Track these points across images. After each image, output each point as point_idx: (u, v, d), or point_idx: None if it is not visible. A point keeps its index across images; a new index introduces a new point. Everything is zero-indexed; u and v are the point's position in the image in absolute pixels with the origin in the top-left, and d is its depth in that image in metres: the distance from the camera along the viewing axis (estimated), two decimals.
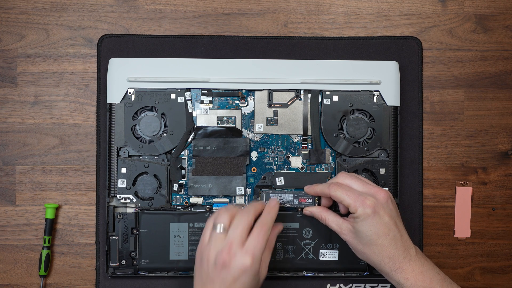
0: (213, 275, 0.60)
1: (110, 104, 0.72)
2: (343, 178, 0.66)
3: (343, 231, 0.65)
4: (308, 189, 0.70)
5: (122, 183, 0.72)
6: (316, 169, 0.74)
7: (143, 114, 0.73)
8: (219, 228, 0.61)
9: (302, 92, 0.73)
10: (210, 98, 0.73)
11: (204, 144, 0.73)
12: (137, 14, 0.76)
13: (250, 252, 0.60)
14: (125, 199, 0.72)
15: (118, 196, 0.72)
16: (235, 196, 0.73)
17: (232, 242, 0.60)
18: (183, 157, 0.73)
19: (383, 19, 0.77)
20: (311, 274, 0.73)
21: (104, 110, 0.74)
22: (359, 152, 0.73)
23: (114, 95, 0.72)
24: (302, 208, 0.72)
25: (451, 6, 0.77)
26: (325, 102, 0.73)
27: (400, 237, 0.63)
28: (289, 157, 0.74)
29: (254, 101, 0.74)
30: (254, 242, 0.60)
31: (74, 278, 0.75)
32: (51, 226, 0.74)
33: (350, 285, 0.74)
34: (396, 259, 0.62)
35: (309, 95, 0.73)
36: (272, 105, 0.74)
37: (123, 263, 0.72)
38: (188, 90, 0.73)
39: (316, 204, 0.72)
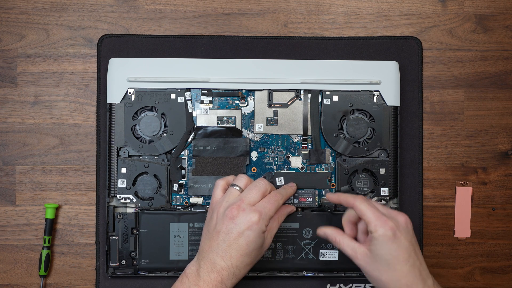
0: (220, 226, 0.62)
1: (110, 104, 0.72)
2: (365, 198, 0.64)
3: (358, 255, 0.62)
4: (331, 196, 0.67)
5: (122, 183, 0.72)
6: (316, 169, 0.74)
7: (143, 114, 0.73)
8: (236, 186, 0.65)
9: (302, 92, 0.73)
10: (210, 98, 0.73)
11: (204, 144, 0.73)
12: (137, 14, 0.76)
13: (258, 210, 0.62)
14: (125, 199, 0.72)
15: (118, 196, 0.72)
16: None
17: (244, 200, 0.63)
18: (183, 157, 0.73)
19: (383, 19, 0.77)
20: (311, 274, 0.73)
21: (104, 110, 0.74)
22: (359, 152, 0.73)
23: (114, 95, 0.72)
24: (302, 208, 0.72)
25: (451, 6, 0.77)
26: (325, 102, 0.73)
27: (419, 265, 0.60)
28: (289, 157, 0.74)
29: (254, 101, 0.74)
30: (264, 203, 0.63)
31: (74, 278, 0.75)
32: (51, 226, 0.74)
33: (350, 285, 0.74)
34: None
35: (309, 95, 0.73)
36: (272, 105, 0.74)
37: (123, 263, 0.72)
38: (188, 90, 0.73)
39: (316, 204, 0.72)
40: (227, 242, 0.61)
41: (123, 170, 0.72)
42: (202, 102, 0.73)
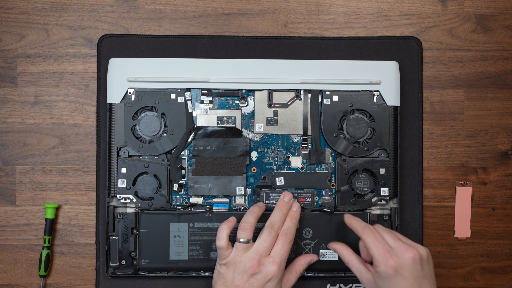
0: (239, 281, 0.64)
1: (110, 104, 0.72)
2: (378, 227, 0.66)
3: (364, 280, 0.65)
4: (348, 219, 0.67)
5: (122, 183, 0.72)
6: (316, 169, 0.74)
7: (143, 114, 0.73)
8: (244, 240, 0.66)
9: (302, 92, 0.73)
10: (210, 98, 0.73)
11: (204, 144, 0.73)
12: (137, 14, 0.76)
13: (276, 261, 0.65)
14: (125, 199, 0.72)
15: (118, 196, 0.72)
16: (235, 196, 0.73)
17: (261, 254, 0.65)
18: (183, 157, 0.73)
19: (383, 19, 0.77)
20: (311, 274, 0.73)
21: (104, 110, 0.74)
22: (359, 152, 0.73)
23: (114, 95, 0.72)
24: (302, 208, 0.72)
25: (451, 6, 0.77)
26: (325, 102, 0.73)
27: None
28: (289, 157, 0.74)
29: (254, 101, 0.74)
30: (279, 251, 0.66)
31: (74, 278, 0.75)
32: (51, 226, 0.74)
33: (350, 285, 0.74)
34: None
35: (309, 95, 0.73)
36: (272, 105, 0.74)
37: (123, 263, 0.72)
38: (188, 90, 0.73)
39: (315, 204, 0.72)
40: None
41: (123, 170, 0.72)
42: (202, 102, 0.73)
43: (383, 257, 0.61)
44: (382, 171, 0.73)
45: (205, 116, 0.73)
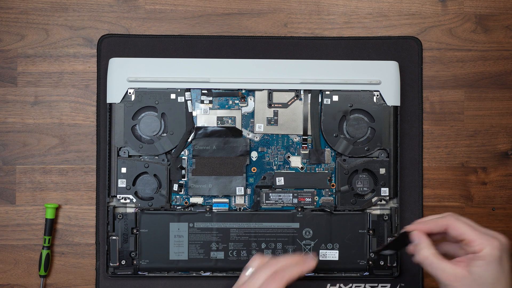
0: None
1: (110, 104, 0.72)
2: (456, 215, 0.57)
3: (451, 278, 0.54)
4: (420, 225, 0.58)
5: (122, 183, 0.72)
6: (316, 169, 0.74)
7: (143, 114, 0.73)
8: (249, 271, 0.59)
9: (302, 92, 0.73)
10: (210, 98, 0.73)
11: (204, 144, 0.73)
12: (137, 14, 0.76)
13: None
14: (125, 199, 0.72)
15: (118, 196, 0.72)
16: (235, 196, 0.73)
17: (246, 286, 0.56)
18: (183, 157, 0.73)
19: (383, 19, 0.77)
20: (311, 274, 0.73)
21: (104, 110, 0.74)
22: (359, 152, 0.73)
23: (114, 95, 0.72)
24: (301, 208, 0.72)
25: (451, 6, 0.77)
26: (325, 102, 0.73)
27: None
28: (289, 157, 0.74)
29: (254, 101, 0.74)
30: (266, 285, 0.56)
31: (74, 278, 0.75)
32: (51, 226, 0.74)
33: (350, 285, 0.74)
34: None
35: (309, 95, 0.73)
36: (272, 105, 0.74)
37: (123, 263, 0.72)
38: (188, 90, 0.73)
39: (315, 203, 0.72)
40: None
41: (123, 170, 0.72)
42: (202, 102, 0.73)
43: (485, 239, 0.54)
44: (382, 171, 0.73)
45: (205, 116, 0.73)
